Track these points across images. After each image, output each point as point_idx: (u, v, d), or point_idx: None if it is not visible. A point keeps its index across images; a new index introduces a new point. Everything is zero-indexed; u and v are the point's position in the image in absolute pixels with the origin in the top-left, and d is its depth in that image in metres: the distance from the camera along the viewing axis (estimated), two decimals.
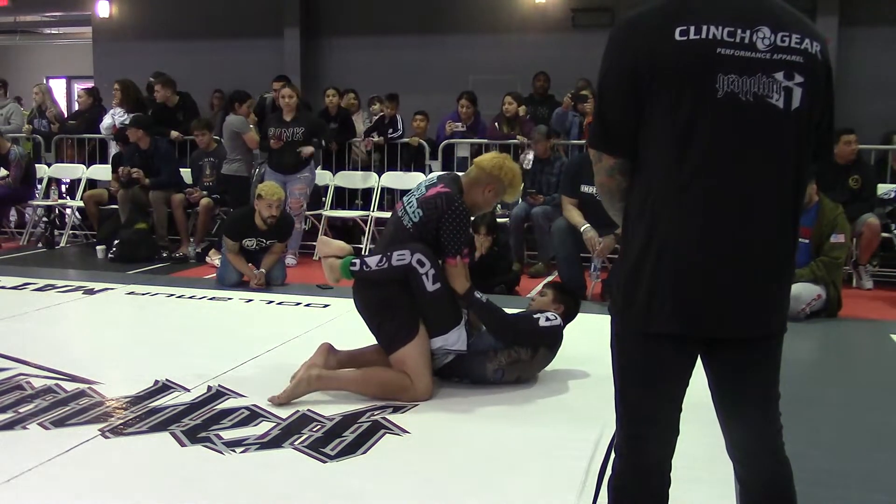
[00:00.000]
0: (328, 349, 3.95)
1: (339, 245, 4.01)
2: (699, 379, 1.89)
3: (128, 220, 7.97)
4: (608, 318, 1.91)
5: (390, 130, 8.53)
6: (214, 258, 7.31)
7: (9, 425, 3.37)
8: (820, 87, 1.78)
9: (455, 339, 3.79)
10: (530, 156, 7.53)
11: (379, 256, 3.74)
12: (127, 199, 8.08)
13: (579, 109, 8.11)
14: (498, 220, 6.82)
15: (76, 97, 10.47)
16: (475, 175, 3.93)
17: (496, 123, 8.42)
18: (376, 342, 3.91)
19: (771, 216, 1.77)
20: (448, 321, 3.78)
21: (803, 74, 1.75)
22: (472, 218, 4.02)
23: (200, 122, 8.35)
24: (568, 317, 4.12)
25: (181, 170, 8.51)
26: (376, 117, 8.81)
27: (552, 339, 3.95)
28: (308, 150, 7.65)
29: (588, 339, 3.98)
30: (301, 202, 7.72)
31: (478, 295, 3.84)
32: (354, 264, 3.80)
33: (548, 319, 3.93)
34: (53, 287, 6.25)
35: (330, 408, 3.60)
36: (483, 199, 3.94)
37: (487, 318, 3.87)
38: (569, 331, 4.10)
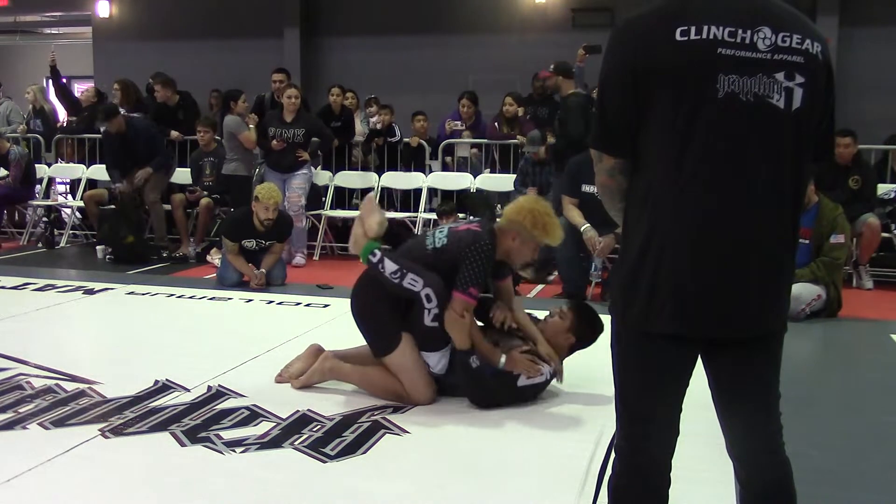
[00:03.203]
0: (317, 351, 3.97)
1: (375, 220, 3.75)
2: (699, 379, 1.89)
3: (113, 233, 7.80)
4: (608, 318, 1.91)
5: (389, 138, 8.52)
6: (215, 257, 7.31)
7: (9, 425, 3.37)
8: (820, 87, 1.78)
9: (435, 363, 3.70)
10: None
11: (397, 268, 3.60)
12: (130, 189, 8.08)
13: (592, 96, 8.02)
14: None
15: (81, 94, 10.44)
16: (502, 224, 3.82)
17: (496, 123, 8.41)
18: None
19: (771, 216, 1.77)
20: (434, 346, 3.69)
21: (804, 75, 1.74)
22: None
23: (205, 119, 8.36)
24: (578, 346, 3.93)
25: (181, 169, 8.51)
26: (373, 120, 8.77)
27: (531, 395, 3.79)
28: (305, 156, 7.67)
29: None
30: (299, 195, 7.65)
31: (472, 359, 3.61)
32: (374, 255, 3.65)
33: (529, 378, 3.70)
34: (53, 287, 6.25)
35: (330, 408, 3.60)
36: (511, 247, 3.74)
37: (467, 386, 3.69)
38: None
